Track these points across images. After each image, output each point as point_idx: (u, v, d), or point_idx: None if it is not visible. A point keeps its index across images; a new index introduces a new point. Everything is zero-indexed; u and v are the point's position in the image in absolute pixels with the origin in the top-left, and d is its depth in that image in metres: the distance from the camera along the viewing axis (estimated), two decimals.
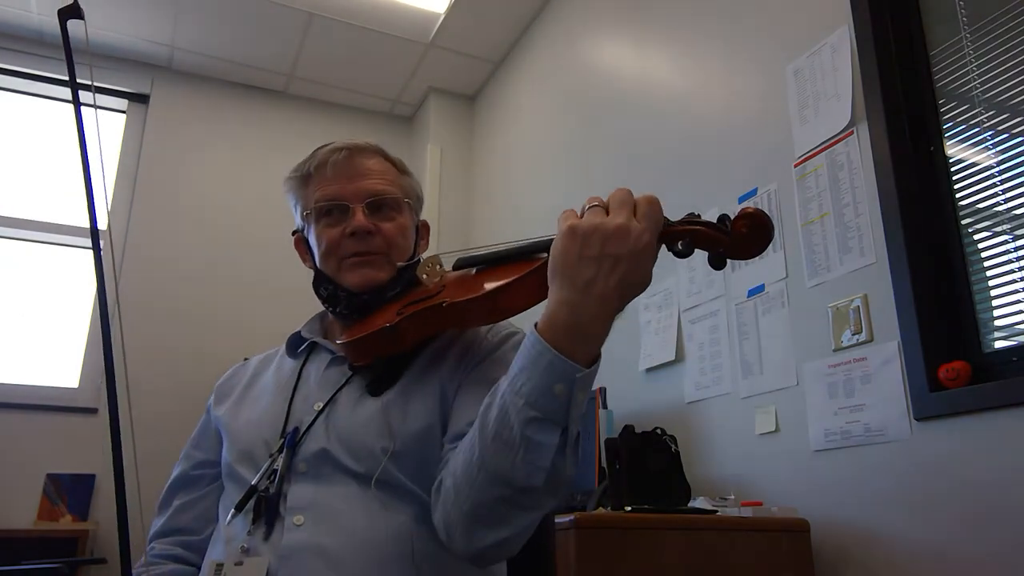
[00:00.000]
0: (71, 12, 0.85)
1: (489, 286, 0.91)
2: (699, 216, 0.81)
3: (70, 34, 0.85)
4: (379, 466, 0.93)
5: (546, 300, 0.81)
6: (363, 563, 0.89)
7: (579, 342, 0.75)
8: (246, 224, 3.89)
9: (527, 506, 0.81)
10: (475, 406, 0.88)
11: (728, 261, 0.80)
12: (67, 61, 0.84)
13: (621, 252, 0.74)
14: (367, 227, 1.07)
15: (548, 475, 0.78)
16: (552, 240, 0.87)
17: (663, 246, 0.81)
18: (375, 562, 0.89)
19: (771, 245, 2.23)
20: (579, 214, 0.79)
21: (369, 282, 1.08)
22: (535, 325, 0.79)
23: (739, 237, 0.77)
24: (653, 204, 0.77)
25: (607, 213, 0.77)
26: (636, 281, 0.76)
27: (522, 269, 0.90)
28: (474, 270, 1.02)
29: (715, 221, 0.79)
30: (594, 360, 0.77)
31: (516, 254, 0.96)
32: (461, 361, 1.04)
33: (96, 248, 0.84)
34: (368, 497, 0.93)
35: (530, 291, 0.89)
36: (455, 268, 1.05)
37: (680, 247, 0.79)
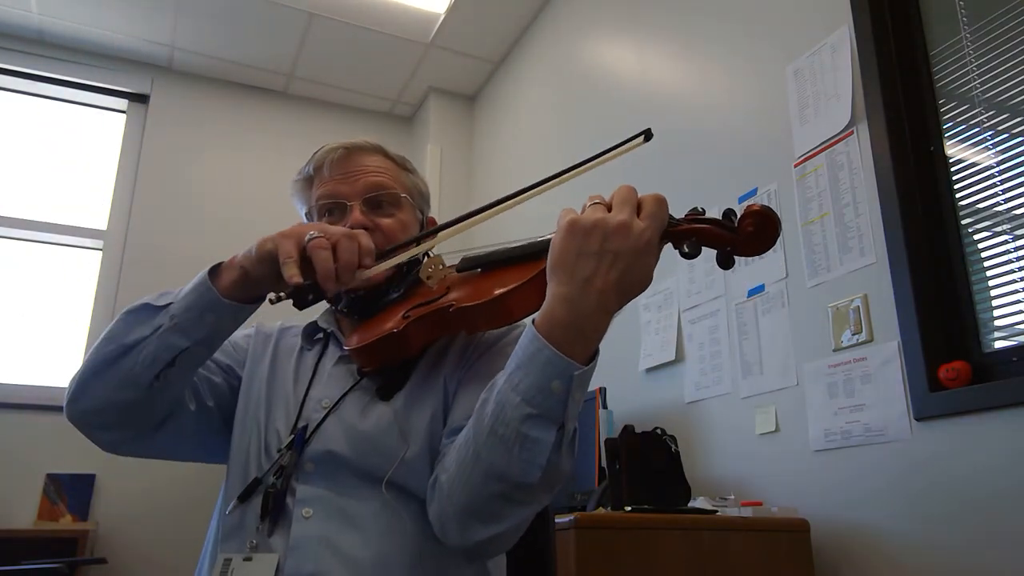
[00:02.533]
0: None
1: (498, 290, 0.89)
2: (703, 212, 0.80)
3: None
4: (391, 470, 0.93)
5: None
6: (370, 558, 0.90)
7: (577, 339, 0.75)
8: (246, 224, 3.88)
9: (522, 501, 0.81)
10: (473, 401, 0.87)
11: (736, 259, 0.79)
12: None
13: (621, 248, 0.73)
14: (364, 224, 1.07)
15: (544, 471, 0.77)
16: None
17: (670, 246, 0.79)
18: (382, 557, 0.90)
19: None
20: (580, 212, 0.78)
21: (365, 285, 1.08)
22: (532, 321, 0.78)
23: (746, 235, 0.76)
24: (660, 203, 0.77)
25: (609, 210, 0.76)
26: (636, 279, 0.75)
27: (530, 271, 0.88)
28: (480, 270, 1.00)
29: (720, 217, 0.78)
30: (592, 357, 0.77)
31: (522, 255, 0.94)
32: (462, 357, 1.04)
33: None
34: (376, 497, 0.93)
35: (541, 293, 0.87)
36: (460, 268, 1.03)
37: (687, 248, 0.78)
